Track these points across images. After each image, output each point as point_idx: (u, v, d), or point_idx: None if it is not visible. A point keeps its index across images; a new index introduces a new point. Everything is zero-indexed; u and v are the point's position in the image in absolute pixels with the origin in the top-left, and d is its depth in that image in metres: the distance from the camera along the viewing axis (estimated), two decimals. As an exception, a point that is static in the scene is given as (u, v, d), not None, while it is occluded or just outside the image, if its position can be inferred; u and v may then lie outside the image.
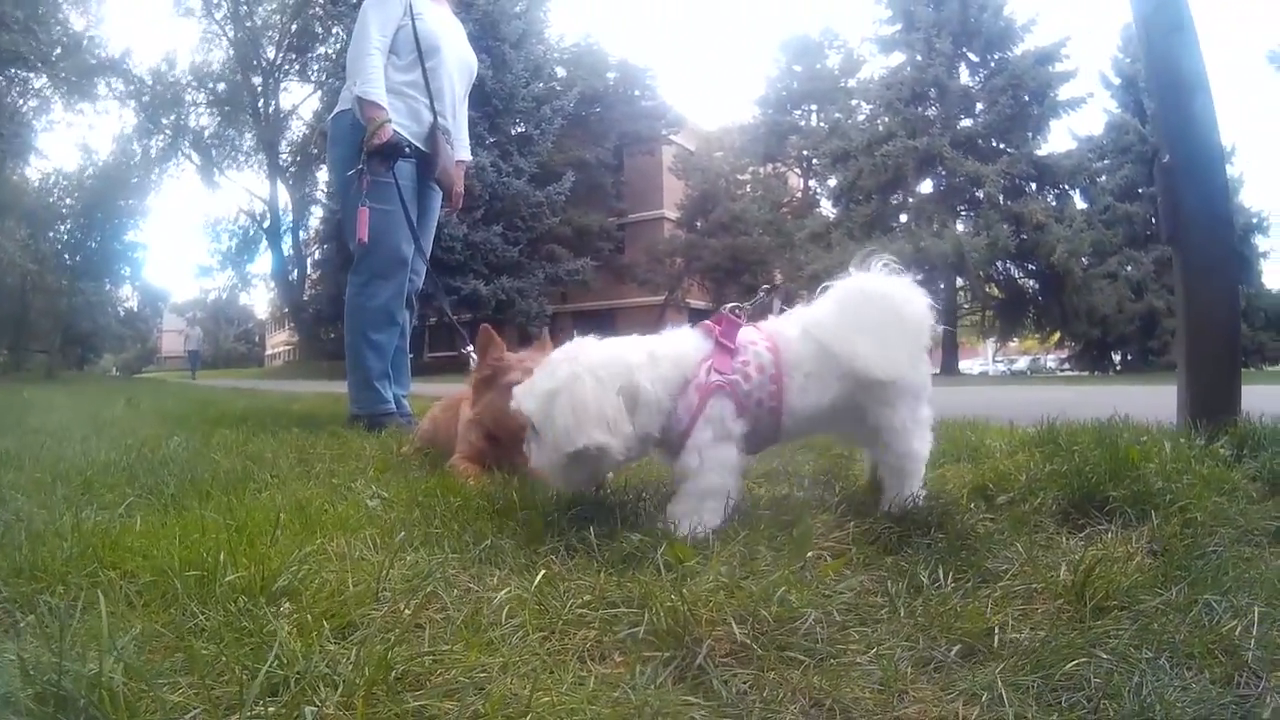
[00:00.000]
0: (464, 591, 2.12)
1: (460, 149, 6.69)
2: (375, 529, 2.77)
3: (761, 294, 4.01)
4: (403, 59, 6.21)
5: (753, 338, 3.29)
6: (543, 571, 2.20)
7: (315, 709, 1.47)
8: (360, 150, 5.94)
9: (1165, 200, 4.86)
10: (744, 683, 1.67)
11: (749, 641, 1.80)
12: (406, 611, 1.95)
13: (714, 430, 3.12)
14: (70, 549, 2.37)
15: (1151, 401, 5.31)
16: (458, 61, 6.61)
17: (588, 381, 3.08)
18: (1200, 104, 4.87)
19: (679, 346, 3.26)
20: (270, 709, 1.47)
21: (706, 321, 3.33)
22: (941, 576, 2.26)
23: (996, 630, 1.88)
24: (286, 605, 1.98)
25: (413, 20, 6.18)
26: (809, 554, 2.52)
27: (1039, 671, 1.68)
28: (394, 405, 6.53)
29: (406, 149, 6.02)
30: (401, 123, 6.07)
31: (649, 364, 3.14)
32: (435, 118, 6.24)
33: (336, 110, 6.42)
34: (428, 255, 6.59)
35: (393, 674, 1.60)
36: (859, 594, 2.14)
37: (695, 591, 2.00)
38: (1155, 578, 2.24)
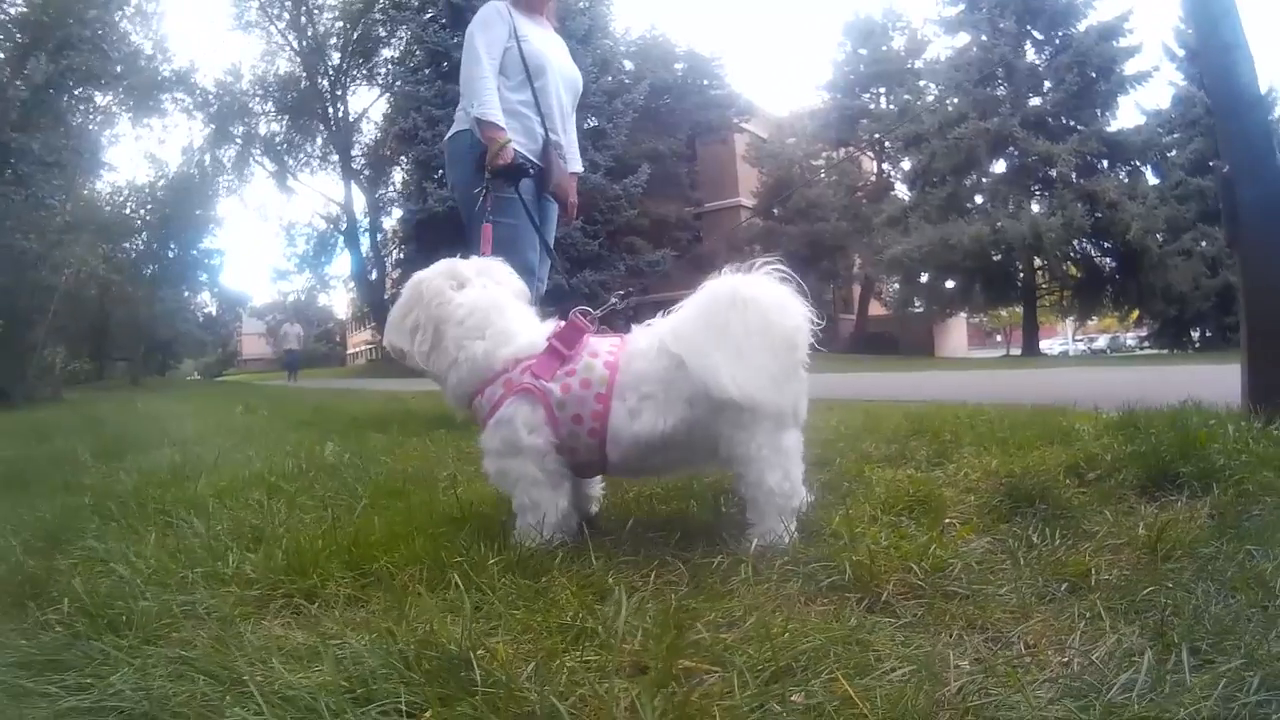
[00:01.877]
0: (691, 560, 2.79)
1: (572, 161, 6.95)
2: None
3: (614, 300, 3.99)
4: (512, 79, 6.46)
5: (602, 349, 3.22)
6: (755, 540, 2.91)
7: (607, 655, 2.03)
8: (481, 168, 6.22)
9: (1226, 206, 5.23)
10: (917, 612, 2.32)
11: (919, 583, 2.50)
12: (653, 576, 2.65)
13: (503, 434, 3.15)
14: (324, 549, 3.01)
15: (1227, 380, 5.56)
16: (564, 78, 6.90)
17: (407, 295, 3.39)
18: (1255, 118, 5.26)
19: (522, 330, 3.31)
20: (582, 655, 2.05)
21: (576, 317, 3.31)
22: (1048, 536, 2.90)
23: (1093, 572, 2.53)
24: (549, 577, 2.67)
25: (518, 43, 6.45)
26: (945, 521, 3.26)
27: (1124, 599, 2.30)
28: None
29: (530, 169, 6.30)
30: (518, 140, 6.31)
31: (473, 323, 3.25)
32: (547, 134, 6.49)
33: (453, 131, 6.72)
34: (553, 262, 6.94)
35: (673, 619, 2.18)
36: (986, 551, 2.82)
37: (871, 550, 2.67)
38: (1212, 534, 2.84)
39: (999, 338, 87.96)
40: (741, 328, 2.86)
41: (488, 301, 3.33)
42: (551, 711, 1.75)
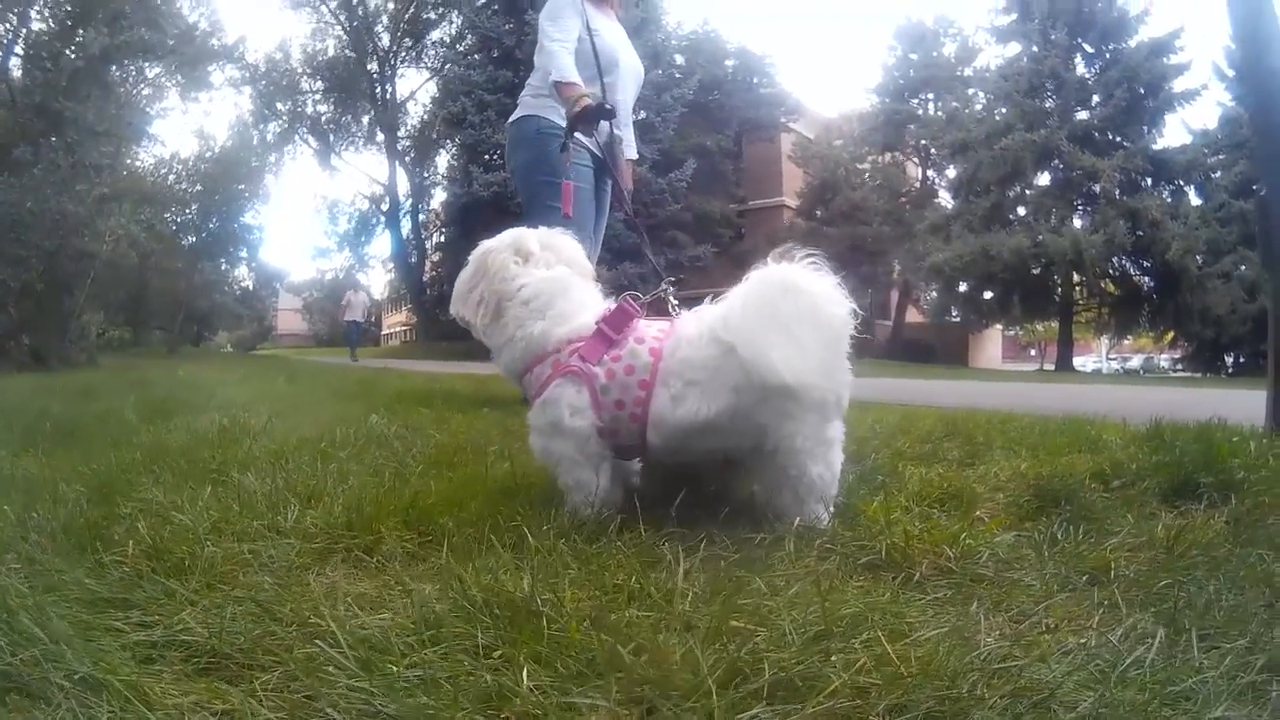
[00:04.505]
0: (736, 535, 2.90)
1: (629, 149, 7.01)
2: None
3: (664, 287, 3.89)
4: (582, 73, 6.36)
5: (649, 334, 3.25)
6: (796, 520, 2.99)
7: (660, 613, 2.20)
8: (546, 144, 6.39)
9: (1261, 229, 5.32)
10: (947, 591, 2.48)
11: (949, 566, 2.66)
12: (701, 546, 2.75)
13: (549, 415, 3.20)
14: (383, 507, 3.16)
15: (1257, 404, 5.71)
16: (632, 72, 6.96)
17: (473, 267, 3.44)
18: None
19: (579, 312, 3.33)
20: (640, 611, 2.22)
21: (626, 302, 3.33)
22: (1072, 533, 3.04)
23: (1112, 567, 2.67)
24: (600, 543, 2.80)
25: (590, 36, 6.46)
26: (975, 514, 3.41)
27: (1141, 591, 2.45)
28: None
29: (608, 105, 6.12)
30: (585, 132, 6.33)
31: (537, 305, 3.30)
32: (612, 129, 6.43)
33: (517, 115, 6.80)
34: (600, 243, 6.98)
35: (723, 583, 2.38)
36: (1012, 544, 2.94)
37: (907, 533, 2.83)
38: (1227, 539, 2.99)
39: (1033, 352, 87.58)
40: (793, 314, 2.87)
41: (552, 283, 3.37)
42: (613, 656, 1.88)
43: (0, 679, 1.86)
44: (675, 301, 3.56)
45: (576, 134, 6.22)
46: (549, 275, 3.39)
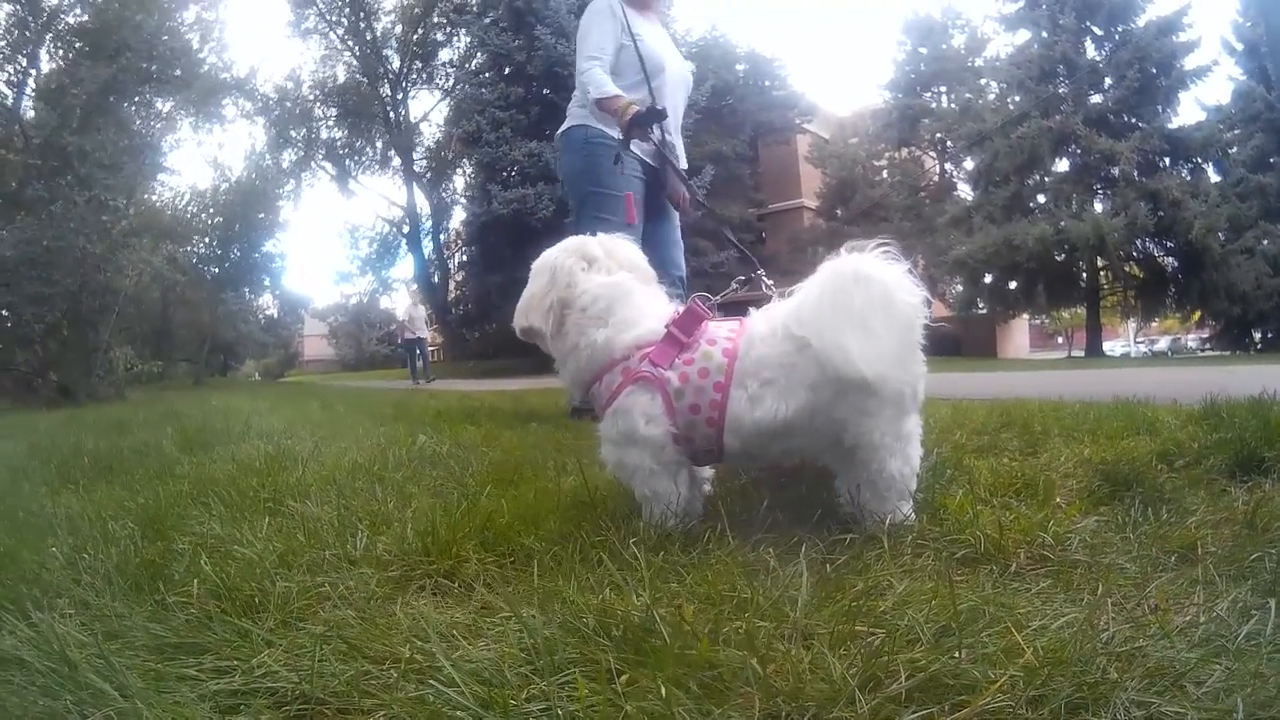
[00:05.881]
0: (828, 537, 2.90)
1: (680, 160, 6.74)
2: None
3: (734, 286, 3.91)
4: (628, 79, 6.39)
5: (720, 334, 3.18)
6: (886, 518, 2.99)
7: (773, 623, 2.12)
8: (592, 152, 6.38)
9: None
10: (1047, 580, 2.48)
11: (1045, 554, 2.67)
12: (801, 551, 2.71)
13: (621, 425, 3.14)
14: (458, 530, 3.09)
15: None
16: (679, 77, 6.85)
17: (540, 277, 3.36)
18: None
19: (644, 318, 3.27)
20: (755, 621, 2.11)
21: (695, 303, 3.26)
22: (1150, 515, 3.03)
23: (1198, 544, 2.67)
24: (695, 553, 2.76)
25: (634, 41, 6.39)
26: (1054, 502, 3.37)
27: (1233, 566, 2.47)
28: None
29: (659, 107, 6.04)
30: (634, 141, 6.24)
31: (596, 310, 3.25)
32: (663, 134, 6.29)
33: (566, 126, 6.74)
34: (681, 252, 7.12)
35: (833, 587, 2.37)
36: (1095, 531, 2.92)
37: (1001, 524, 2.80)
38: None
39: (1060, 339, 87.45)
40: (866, 304, 2.79)
41: (613, 288, 3.31)
42: (741, 669, 1.82)
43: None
44: (769, 282, 3.51)
45: (635, 140, 6.14)
46: (609, 280, 3.34)
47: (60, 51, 26.95)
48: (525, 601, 2.38)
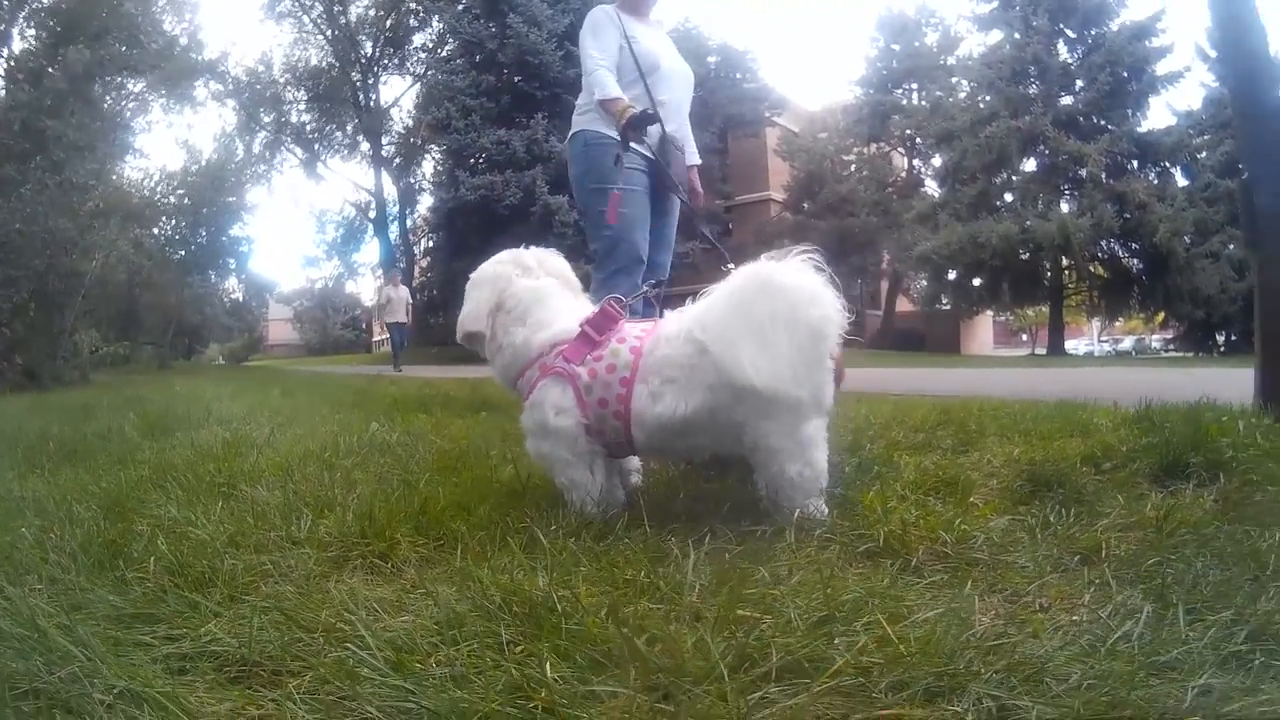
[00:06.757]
0: (738, 529, 3.03)
1: (690, 155, 6.96)
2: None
3: (646, 288, 4.21)
4: (625, 78, 6.41)
5: (631, 334, 3.35)
6: (796, 512, 3.09)
7: (669, 605, 2.29)
8: (591, 154, 6.35)
9: (1244, 211, 5.46)
10: (944, 575, 2.60)
11: (945, 551, 2.80)
12: (706, 540, 2.84)
13: (536, 417, 3.37)
14: (394, 514, 3.27)
15: (1247, 382, 5.71)
16: (679, 74, 6.87)
17: (480, 285, 3.62)
18: (1276, 127, 5.45)
19: (559, 318, 3.49)
20: (651, 604, 2.30)
21: (608, 304, 3.44)
22: (1064, 516, 3.15)
23: (1103, 547, 2.78)
24: (608, 541, 2.93)
25: (629, 43, 6.46)
26: (969, 501, 3.52)
27: (1131, 570, 2.56)
28: None
29: (650, 111, 6.08)
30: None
31: (518, 312, 3.52)
32: (664, 129, 6.34)
33: (571, 132, 6.77)
34: (670, 255, 6.94)
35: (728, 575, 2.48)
36: (1006, 528, 3.07)
37: (904, 521, 2.96)
38: (1215, 517, 3.09)
39: (1024, 336, 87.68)
40: (767, 316, 2.90)
41: (533, 292, 3.56)
42: (629, 646, 1.99)
43: (41, 697, 1.93)
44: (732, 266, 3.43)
45: (631, 143, 6.21)
46: (531, 285, 3.60)
47: (33, 32, 26.86)
48: (445, 581, 2.62)
